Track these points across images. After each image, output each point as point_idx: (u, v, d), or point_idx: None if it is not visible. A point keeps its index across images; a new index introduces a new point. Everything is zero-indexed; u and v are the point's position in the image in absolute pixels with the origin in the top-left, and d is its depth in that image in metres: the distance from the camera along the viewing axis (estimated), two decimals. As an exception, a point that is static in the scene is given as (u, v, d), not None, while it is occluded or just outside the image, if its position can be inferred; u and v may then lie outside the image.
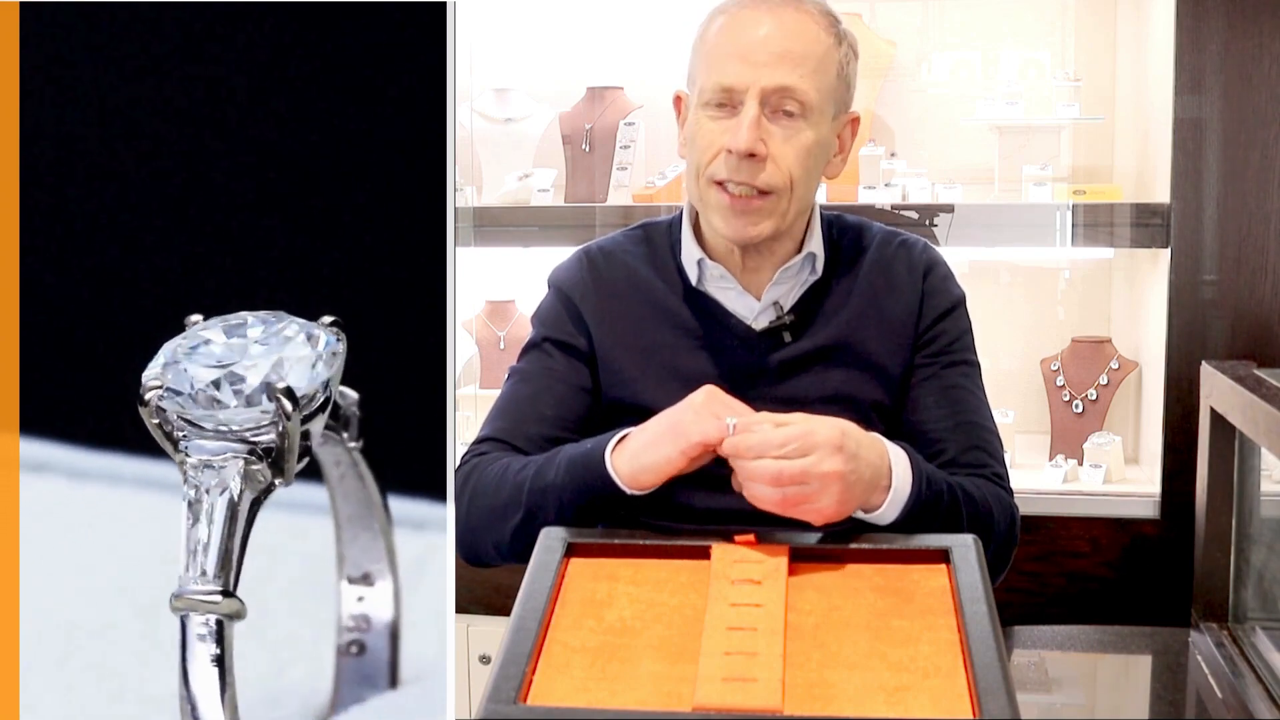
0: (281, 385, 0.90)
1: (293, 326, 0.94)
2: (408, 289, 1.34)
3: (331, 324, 0.95)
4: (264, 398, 0.90)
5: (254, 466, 0.91)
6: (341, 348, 0.95)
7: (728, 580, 1.05)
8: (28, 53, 1.35)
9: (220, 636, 0.91)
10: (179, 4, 1.38)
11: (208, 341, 0.93)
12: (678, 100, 1.39)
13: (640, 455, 1.18)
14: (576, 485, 1.21)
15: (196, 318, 0.95)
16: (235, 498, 0.91)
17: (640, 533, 1.15)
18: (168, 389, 0.91)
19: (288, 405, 0.89)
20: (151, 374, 0.91)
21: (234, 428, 0.91)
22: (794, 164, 1.28)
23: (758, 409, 1.18)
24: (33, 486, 1.29)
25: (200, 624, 0.91)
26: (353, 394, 0.99)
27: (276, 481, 0.93)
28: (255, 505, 0.92)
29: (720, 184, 1.29)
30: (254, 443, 0.91)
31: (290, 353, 0.92)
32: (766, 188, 1.28)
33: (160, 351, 0.93)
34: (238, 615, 0.92)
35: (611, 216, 2.23)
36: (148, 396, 0.91)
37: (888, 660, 0.95)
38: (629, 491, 1.19)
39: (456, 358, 2.40)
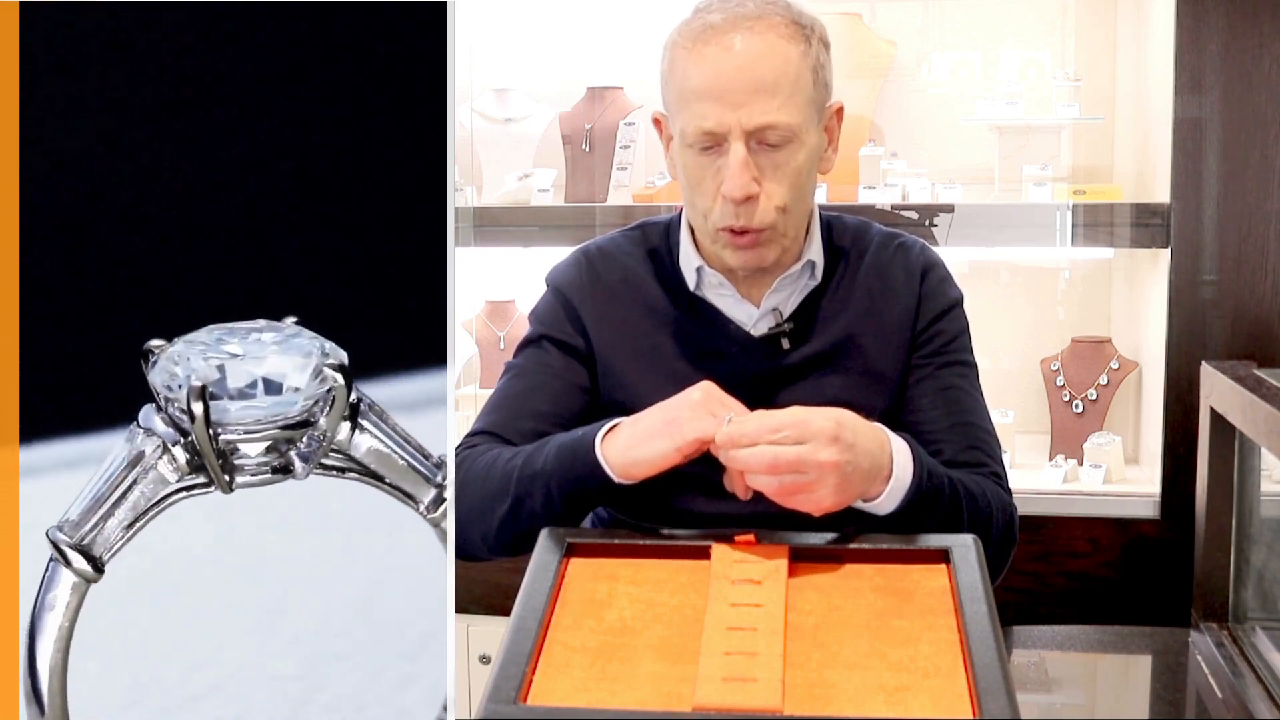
0: (196, 384, 0.89)
1: (288, 345, 0.93)
2: (408, 289, 1.34)
3: (337, 367, 0.93)
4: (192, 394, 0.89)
5: (168, 454, 0.90)
6: (332, 383, 0.92)
7: (728, 580, 1.05)
8: (28, 53, 1.35)
9: (70, 591, 0.89)
10: (179, 4, 1.38)
11: (229, 332, 0.93)
12: (657, 123, 1.37)
13: (634, 448, 1.18)
14: (565, 473, 1.21)
15: (290, 320, 0.95)
16: (135, 470, 0.90)
17: (640, 533, 1.15)
18: (163, 357, 0.91)
19: (196, 407, 0.88)
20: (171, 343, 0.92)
21: (180, 414, 0.91)
22: (787, 194, 1.27)
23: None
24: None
25: (53, 568, 0.89)
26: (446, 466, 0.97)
27: (213, 489, 0.91)
28: (166, 498, 0.90)
29: (726, 229, 1.29)
30: (187, 432, 0.90)
31: (246, 364, 0.91)
32: (762, 225, 1.27)
33: None
34: (83, 576, 0.89)
35: (611, 216, 2.23)
36: (145, 348, 0.92)
37: (888, 660, 0.95)
38: (618, 481, 1.19)
39: (456, 358, 2.40)
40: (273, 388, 0.90)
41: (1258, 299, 1.98)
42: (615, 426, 1.21)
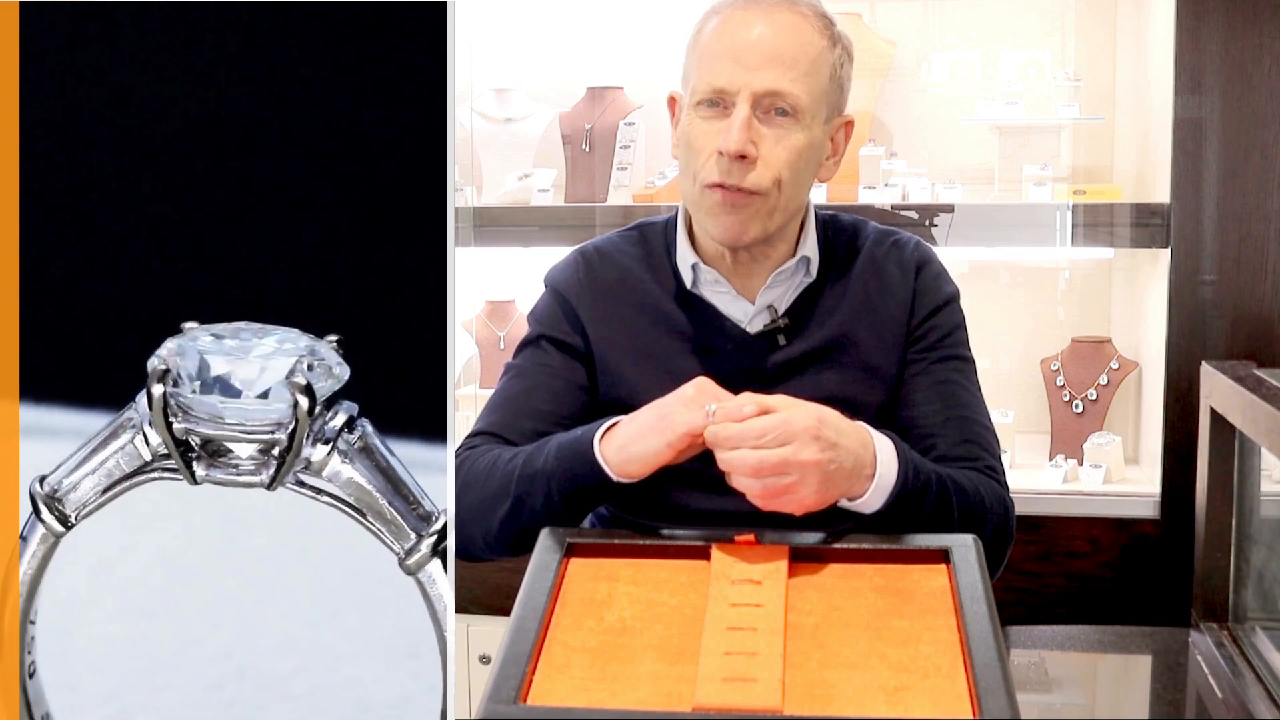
0: (160, 367, 0.89)
1: (272, 354, 0.92)
2: (408, 289, 1.34)
3: (302, 388, 0.91)
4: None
5: (143, 432, 0.91)
6: (293, 402, 0.91)
7: (728, 580, 1.05)
8: (28, 53, 1.35)
9: (39, 541, 0.92)
10: (178, 4, 1.38)
11: (250, 331, 0.93)
12: (671, 102, 1.39)
13: (628, 446, 1.18)
14: (565, 472, 1.21)
15: (332, 337, 0.95)
16: (117, 440, 0.91)
17: (640, 533, 1.15)
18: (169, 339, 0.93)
19: (155, 389, 0.88)
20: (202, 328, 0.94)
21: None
22: (783, 166, 1.28)
23: None
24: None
25: (31, 518, 0.92)
26: (441, 520, 0.94)
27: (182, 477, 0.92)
28: (140, 471, 0.92)
29: (714, 186, 1.29)
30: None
31: (217, 361, 0.91)
32: (753, 188, 1.28)
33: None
34: (50, 529, 0.91)
35: (611, 216, 2.23)
36: (181, 327, 0.93)
37: (888, 660, 0.95)
38: (616, 479, 1.19)
39: (456, 358, 2.40)
40: (230, 390, 0.90)
41: (1258, 299, 1.98)
42: (614, 425, 1.21)
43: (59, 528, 0.91)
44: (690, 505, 1.29)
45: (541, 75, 2.52)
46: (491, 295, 2.54)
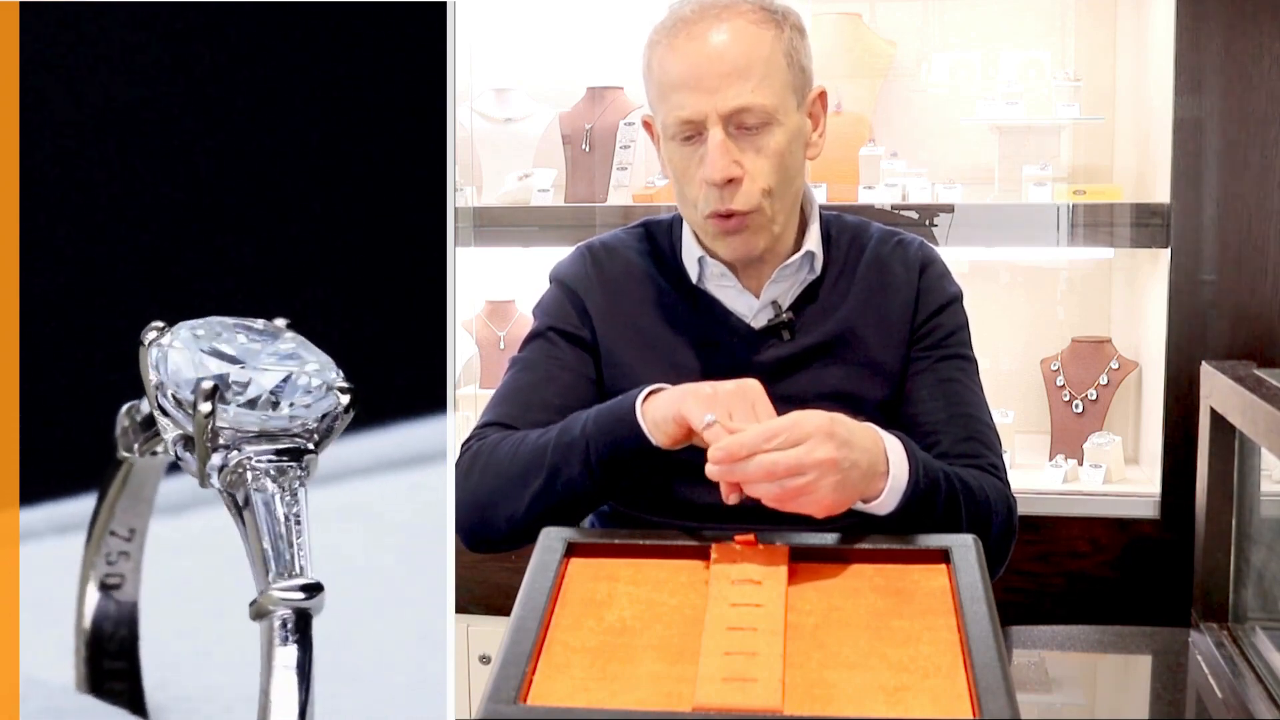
0: (158, 323, 0.94)
1: (272, 372, 0.93)
2: (408, 289, 1.34)
3: (206, 394, 0.92)
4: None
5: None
6: (198, 406, 0.93)
7: (728, 580, 1.05)
8: (28, 53, 1.35)
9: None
10: (179, 4, 1.38)
11: (253, 331, 0.95)
12: (647, 125, 1.40)
13: (669, 406, 1.16)
14: (604, 435, 1.20)
15: (346, 392, 0.97)
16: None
17: (640, 533, 1.15)
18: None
19: (146, 336, 0.93)
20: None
21: None
22: (770, 175, 1.29)
23: None
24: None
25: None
26: (299, 580, 0.92)
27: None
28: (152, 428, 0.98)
29: (712, 216, 1.30)
30: None
31: (182, 343, 0.93)
32: (745, 208, 1.29)
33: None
34: (120, 450, 1.00)
35: (611, 216, 2.23)
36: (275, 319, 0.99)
37: (888, 660, 0.95)
38: (653, 442, 1.18)
39: (456, 358, 2.40)
40: (165, 381, 0.92)
41: (1258, 299, 1.98)
42: (656, 390, 1.20)
43: (124, 453, 0.99)
44: (694, 500, 1.29)
45: (541, 75, 2.52)
46: (491, 295, 2.54)
